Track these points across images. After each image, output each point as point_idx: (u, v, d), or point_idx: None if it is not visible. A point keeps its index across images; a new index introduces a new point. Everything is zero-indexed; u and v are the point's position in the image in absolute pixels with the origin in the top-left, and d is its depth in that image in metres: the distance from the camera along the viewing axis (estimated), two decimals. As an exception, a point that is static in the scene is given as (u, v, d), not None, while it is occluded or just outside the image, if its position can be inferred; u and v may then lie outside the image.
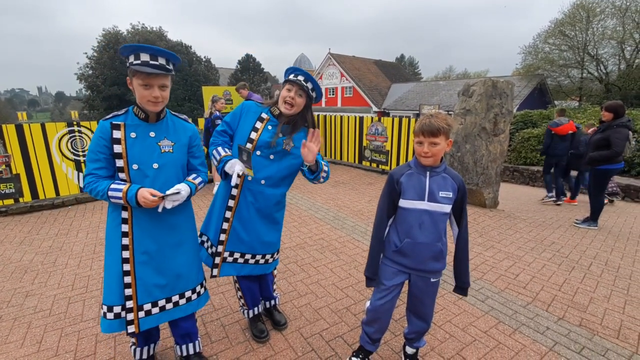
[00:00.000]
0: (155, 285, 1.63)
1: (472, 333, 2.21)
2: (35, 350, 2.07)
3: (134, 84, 1.49)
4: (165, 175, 1.59)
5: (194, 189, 1.66)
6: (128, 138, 1.52)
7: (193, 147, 1.73)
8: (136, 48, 1.46)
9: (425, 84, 26.92)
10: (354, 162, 7.93)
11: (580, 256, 3.41)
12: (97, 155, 1.51)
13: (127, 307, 1.59)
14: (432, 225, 1.60)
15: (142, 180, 1.55)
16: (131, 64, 1.46)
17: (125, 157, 1.52)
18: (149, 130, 1.57)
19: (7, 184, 4.64)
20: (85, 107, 25.77)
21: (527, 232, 4.03)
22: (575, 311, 2.47)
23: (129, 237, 1.57)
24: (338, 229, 4.08)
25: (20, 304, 2.56)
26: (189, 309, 1.75)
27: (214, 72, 28.53)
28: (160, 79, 1.49)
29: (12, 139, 4.58)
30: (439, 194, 1.58)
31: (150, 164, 1.56)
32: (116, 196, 1.47)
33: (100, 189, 1.48)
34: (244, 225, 1.95)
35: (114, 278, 1.59)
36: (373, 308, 1.76)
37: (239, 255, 1.98)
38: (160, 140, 1.59)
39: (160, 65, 1.47)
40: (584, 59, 19.23)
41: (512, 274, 2.99)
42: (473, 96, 4.89)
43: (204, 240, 2.07)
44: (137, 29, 25.10)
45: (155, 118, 1.59)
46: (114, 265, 1.59)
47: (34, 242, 3.75)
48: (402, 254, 1.66)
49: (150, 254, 1.61)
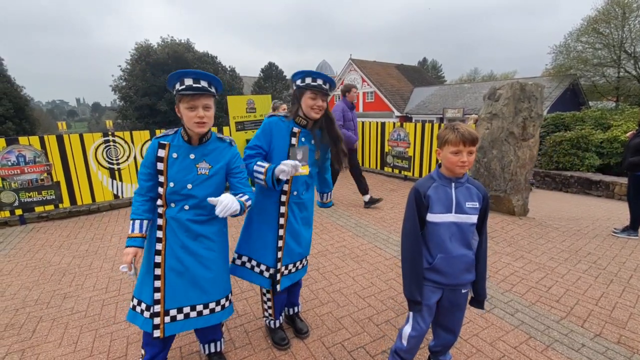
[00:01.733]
0: (182, 292, 1.69)
1: (501, 348, 2.13)
2: (71, 350, 2.19)
3: (181, 108, 1.59)
4: (198, 194, 1.67)
5: (242, 204, 1.65)
6: (170, 157, 1.64)
7: (233, 167, 1.76)
8: (181, 74, 1.56)
9: (449, 87, 26.37)
10: (376, 168, 7.86)
11: (620, 268, 3.20)
12: (144, 169, 1.66)
13: (154, 312, 1.65)
14: (461, 237, 1.57)
15: (175, 196, 1.66)
16: (177, 91, 1.57)
17: (165, 175, 1.64)
18: (190, 152, 1.67)
19: (49, 190, 4.96)
20: (119, 116, 27.15)
21: (560, 242, 3.84)
22: (614, 327, 2.32)
23: (162, 243, 1.67)
24: (360, 236, 4.05)
25: (59, 305, 2.72)
26: (211, 320, 1.78)
27: (238, 81, 29.27)
28: (204, 99, 1.58)
29: (53, 149, 4.91)
30: (465, 204, 1.55)
31: (185, 184, 1.65)
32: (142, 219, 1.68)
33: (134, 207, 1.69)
34: (295, 238, 2.02)
35: (140, 273, 1.73)
36: (417, 334, 1.65)
37: (292, 265, 2.07)
38: (199, 162, 1.68)
39: (203, 87, 1.57)
40: (620, 57, 18.20)
41: (544, 287, 2.85)
42: (500, 100, 4.74)
43: (253, 265, 2.02)
44: (167, 42, 26.22)
45: (198, 141, 1.68)
46: (145, 264, 1.73)
47: (72, 245, 3.98)
48: (436, 271, 1.59)
49: (179, 260, 1.68)
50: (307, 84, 1.88)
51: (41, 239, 4.25)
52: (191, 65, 24.30)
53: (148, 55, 24.58)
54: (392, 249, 3.67)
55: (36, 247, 3.98)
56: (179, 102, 1.59)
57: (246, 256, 2.04)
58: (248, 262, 2.03)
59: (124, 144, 5.42)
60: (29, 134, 22.17)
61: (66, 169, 5.03)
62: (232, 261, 2.07)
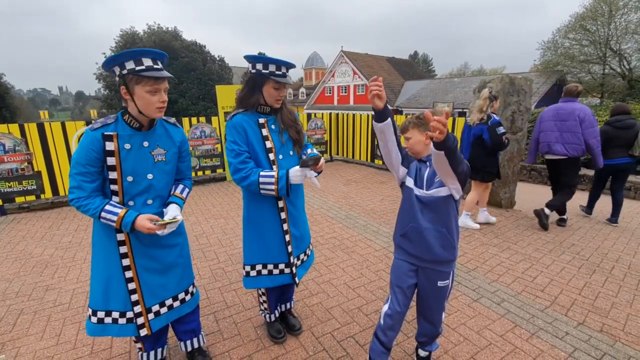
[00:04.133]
0: (160, 286, 1.64)
1: (488, 337, 2.16)
2: (54, 342, 2.13)
3: (138, 92, 1.40)
4: (159, 184, 1.59)
5: (182, 204, 1.68)
6: (122, 149, 1.45)
7: (183, 151, 1.71)
8: (138, 53, 1.38)
9: (439, 81, 26.50)
10: (366, 160, 7.87)
11: (602, 259, 3.28)
12: (86, 168, 1.41)
13: (136, 312, 1.58)
14: (433, 210, 1.60)
15: (136, 191, 1.52)
16: (132, 71, 1.37)
17: (119, 170, 1.46)
18: (143, 139, 1.51)
19: (29, 180, 4.79)
20: (103, 106, 26.47)
21: (545, 234, 3.92)
22: (596, 316, 2.38)
23: (127, 245, 1.53)
24: (350, 227, 4.05)
25: (41, 297, 2.65)
26: (193, 303, 1.81)
27: (228, 71, 28.78)
28: (165, 82, 1.46)
29: (33, 138, 4.73)
30: (435, 179, 1.59)
31: (145, 175, 1.52)
32: (110, 219, 1.41)
33: (92, 208, 1.41)
34: (298, 227, 1.99)
35: (99, 284, 1.56)
36: (392, 314, 1.71)
37: (303, 254, 2.06)
38: (153, 149, 1.55)
39: (162, 69, 1.44)
40: (606, 54, 18.56)
41: (530, 277, 2.91)
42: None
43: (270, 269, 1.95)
44: (153, 29, 25.54)
45: (148, 126, 1.53)
46: (102, 271, 1.56)
47: (54, 237, 3.87)
48: (408, 239, 1.66)
49: (151, 258, 1.61)
50: (270, 72, 1.72)
51: (22, 230, 4.11)
52: (179, 54, 23.75)
53: (134, 43, 23.92)
54: (382, 240, 3.68)
55: (17, 238, 3.85)
56: (134, 85, 1.39)
57: (260, 264, 1.94)
58: (264, 269, 1.94)
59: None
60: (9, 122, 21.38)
61: (47, 159, 4.87)
62: (246, 274, 1.96)
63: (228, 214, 4.54)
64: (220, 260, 3.22)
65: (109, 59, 1.39)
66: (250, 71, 1.79)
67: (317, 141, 8.13)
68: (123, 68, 1.39)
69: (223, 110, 6.31)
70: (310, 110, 29.28)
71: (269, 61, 1.72)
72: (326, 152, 8.40)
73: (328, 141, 8.36)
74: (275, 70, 1.73)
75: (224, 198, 5.36)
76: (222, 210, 4.72)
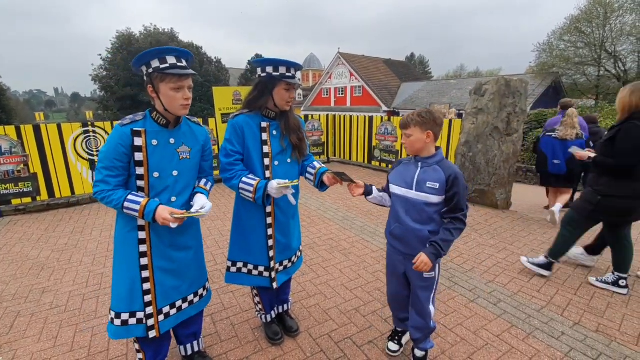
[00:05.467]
0: (173, 288, 1.64)
1: (484, 337, 2.18)
2: (51, 345, 2.12)
3: (163, 89, 1.43)
4: (183, 181, 1.61)
5: (208, 195, 1.71)
6: (149, 145, 1.48)
7: (206, 150, 1.74)
8: (162, 51, 1.42)
9: (435, 83, 26.61)
10: (364, 162, 7.89)
11: (597, 260, 3.30)
12: (113, 163, 1.43)
13: (147, 314, 1.57)
14: (417, 213, 1.68)
15: (161, 187, 1.54)
16: (158, 69, 1.41)
17: (146, 165, 1.48)
18: (169, 136, 1.55)
19: (25, 182, 4.77)
20: (99, 107, 26.35)
21: (541, 234, 3.94)
22: (592, 316, 2.40)
23: (147, 244, 1.54)
24: (347, 229, 4.06)
25: (37, 300, 2.63)
26: (201, 305, 1.81)
27: (224, 73, 28.79)
28: (189, 80, 1.49)
29: (29, 139, 4.71)
30: (426, 184, 1.64)
31: (170, 172, 1.55)
32: (132, 209, 1.43)
33: (115, 199, 1.43)
34: (285, 234, 1.97)
35: (124, 286, 1.55)
36: (388, 294, 1.99)
37: (287, 261, 2.04)
38: (179, 146, 1.58)
39: (186, 66, 1.47)
40: (601, 56, 18.72)
41: (526, 277, 2.93)
42: (485, 95, 4.80)
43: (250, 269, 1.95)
44: (150, 31, 25.50)
45: (175, 124, 1.57)
46: (125, 272, 1.54)
47: (51, 239, 3.85)
48: (394, 237, 1.80)
49: (169, 259, 1.61)
50: (281, 74, 1.72)
51: (18, 232, 4.09)
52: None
53: (130, 44, 23.89)
54: (379, 241, 3.69)
55: (13, 240, 3.83)
56: (159, 82, 1.43)
57: (241, 262, 1.97)
58: (244, 267, 1.97)
59: (105, 135, 5.25)
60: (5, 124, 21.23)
61: (44, 161, 4.84)
62: (227, 269, 2.00)
63: (225, 215, 4.54)
64: (218, 262, 3.22)
65: (136, 58, 1.43)
66: (260, 75, 1.78)
67: (314, 143, 8.15)
68: (149, 67, 1.43)
69: (220, 112, 6.31)
70: (308, 112, 29.30)
71: (280, 63, 1.73)
72: (323, 153, 8.42)
73: (325, 143, 8.37)
74: (285, 72, 1.73)
75: (221, 199, 5.35)
76: (219, 211, 4.72)
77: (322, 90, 30.92)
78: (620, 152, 2.39)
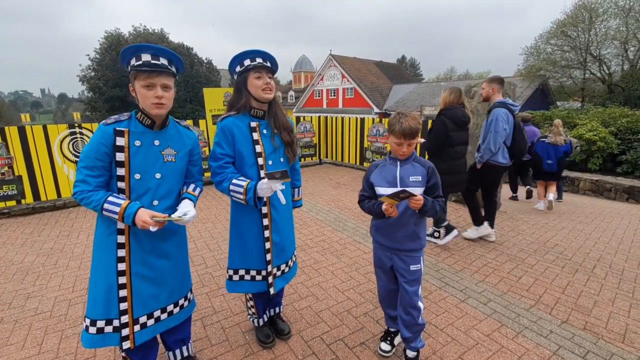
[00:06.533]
0: (151, 297, 1.57)
1: (475, 336, 2.19)
2: (35, 352, 2.06)
3: (136, 87, 1.42)
4: (167, 184, 1.56)
5: (195, 201, 1.67)
6: (132, 146, 1.44)
7: (194, 155, 1.71)
8: (137, 49, 1.41)
9: (426, 85, 26.88)
10: (355, 163, 7.91)
11: (584, 258, 3.37)
12: (93, 162, 1.40)
13: (122, 322, 1.50)
14: (404, 207, 1.76)
15: (143, 189, 1.49)
16: (132, 67, 1.41)
17: (128, 166, 1.45)
18: (154, 138, 1.51)
19: (10, 185, 4.65)
20: (87, 108, 25.91)
21: (529, 234, 4.00)
22: (579, 314, 2.45)
23: (126, 249, 1.49)
24: (339, 230, 4.06)
25: (22, 305, 2.56)
26: (182, 316, 1.73)
27: (215, 74, 28.60)
28: (163, 77, 1.43)
29: (14, 141, 4.60)
30: (409, 179, 1.75)
31: (153, 174, 1.51)
32: (112, 210, 1.39)
33: (95, 200, 1.39)
34: (281, 236, 1.95)
35: (100, 291, 1.49)
36: (378, 288, 2.05)
37: (284, 265, 2.02)
38: (164, 149, 1.54)
39: (162, 65, 1.43)
40: (586, 59, 19.14)
41: (515, 277, 2.97)
42: (475, 97, 4.86)
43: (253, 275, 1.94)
44: (139, 31, 25.22)
45: (160, 125, 1.54)
46: (103, 277, 1.49)
47: (36, 243, 3.76)
48: (381, 233, 1.89)
49: (148, 265, 1.55)
50: (246, 67, 1.74)
51: (2, 236, 3.98)
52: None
53: (119, 45, 23.58)
54: (371, 243, 3.69)
55: (-4, 245, 3.72)
56: (134, 80, 1.42)
57: (243, 269, 1.94)
58: (246, 274, 1.94)
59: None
60: (-12, 125, 20.74)
61: (29, 163, 4.73)
62: (229, 278, 1.97)
63: (216, 217, 4.50)
64: (208, 265, 3.18)
65: (120, 57, 1.43)
66: (234, 79, 1.85)
67: (306, 144, 8.14)
68: (128, 65, 1.43)
69: (211, 113, 6.27)
70: (299, 114, 29.30)
71: (242, 58, 1.77)
72: (315, 155, 8.41)
73: (317, 144, 8.37)
74: (250, 63, 1.76)
75: (212, 202, 5.30)
76: (209, 214, 4.67)
77: (314, 92, 30.95)
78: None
